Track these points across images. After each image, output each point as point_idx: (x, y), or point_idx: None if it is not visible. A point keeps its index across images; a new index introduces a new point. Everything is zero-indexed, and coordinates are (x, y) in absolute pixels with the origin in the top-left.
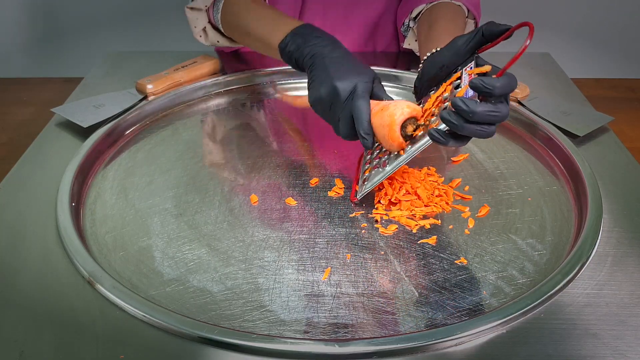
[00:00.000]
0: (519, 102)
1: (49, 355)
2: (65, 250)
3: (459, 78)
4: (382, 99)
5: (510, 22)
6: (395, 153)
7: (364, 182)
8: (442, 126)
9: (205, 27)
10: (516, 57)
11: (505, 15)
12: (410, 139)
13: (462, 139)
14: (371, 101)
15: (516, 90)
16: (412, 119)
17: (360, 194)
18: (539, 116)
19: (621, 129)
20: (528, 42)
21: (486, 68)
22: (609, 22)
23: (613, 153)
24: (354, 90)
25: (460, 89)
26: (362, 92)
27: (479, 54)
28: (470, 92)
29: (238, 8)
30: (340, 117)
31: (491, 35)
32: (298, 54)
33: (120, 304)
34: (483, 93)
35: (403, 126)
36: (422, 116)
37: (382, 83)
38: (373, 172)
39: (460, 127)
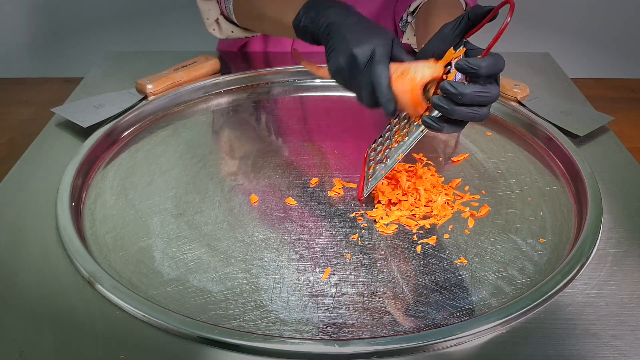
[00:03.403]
0: (519, 102)
1: (49, 355)
2: (65, 250)
3: (449, 64)
4: (403, 61)
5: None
6: (395, 146)
7: (369, 179)
8: (435, 112)
9: (217, 19)
10: (498, 35)
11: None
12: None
13: (457, 123)
14: (391, 64)
15: (516, 90)
16: (433, 81)
17: (367, 191)
18: (539, 116)
19: (621, 129)
20: (509, 19)
21: (460, 52)
22: (609, 22)
23: (613, 153)
24: (372, 56)
25: (449, 74)
26: (380, 57)
27: (468, 39)
28: (459, 76)
29: None
30: (362, 84)
31: (476, 17)
32: (313, 27)
33: (120, 304)
34: (469, 74)
35: (425, 89)
36: (444, 74)
37: None
38: (377, 167)
39: (451, 111)
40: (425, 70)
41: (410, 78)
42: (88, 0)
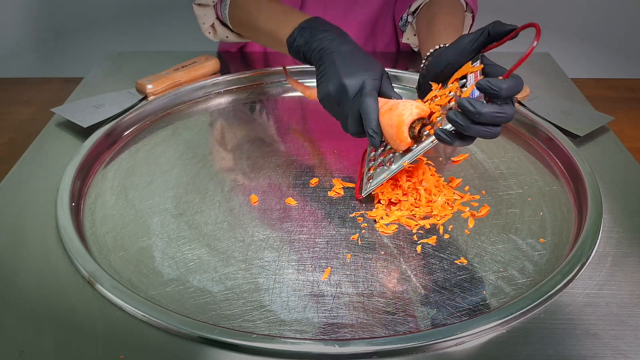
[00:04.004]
0: (519, 102)
1: (49, 355)
2: (65, 250)
3: (464, 77)
4: (390, 97)
5: (511, 21)
6: (400, 152)
7: (369, 180)
8: (448, 126)
9: (213, 24)
10: (523, 59)
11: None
12: (417, 139)
13: (468, 139)
14: (379, 99)
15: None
16: (420, 120)
17: (366, 192)
18: (539, 116)
19: (621, 129)
20: (535, 43)
21: (477, 67)
22: (609, 22)
23: (613, 153)
24: (362, 88)
25: (466, 89)
26: (370, 90)
27: (484, 53)
28: (477, 93)
29: (246, 3)
30: (349, 114)
31: (497, 35)
32: (306, 49)
33: (120, 304)
34: (490, 94)
35: (411, 127)
36: (430, 116)
37: None
38: (378, 169)
39: (466, 128)
40: (413, 110)
41: (398, 114)
42: (88, 0)
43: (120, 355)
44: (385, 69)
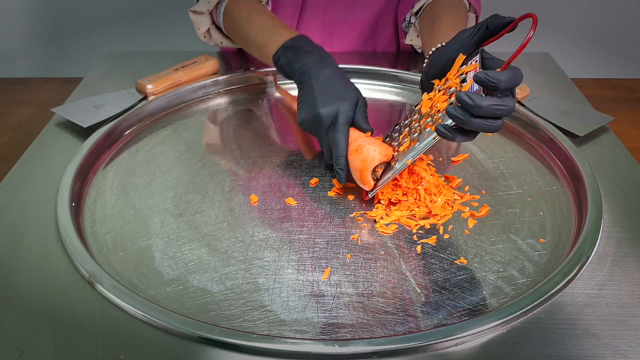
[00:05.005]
0: (519, 102)
1: (49, 355)
2: (65, 250)
3: (462, 67)
4: (362, 128)
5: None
6: (404, 150)
7: None
8: (449, 121)
9: (209, 29)
10: (520, 49)
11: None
12: (379, 180)
13: (469, 133)
14: (351, 132)
15: (516, 90)
16: (382, 163)
17: (372, 192)
18: (539, 116)
19: (621, 129)
20: (532, 33)
21: (475, 65)
22: (609, 22)
23: (613, 153)
24: (335, 120)
25: (465, 83)
26: (342, 124)
27: (484, 47)
28: (476, 87)
29: (238, 15)
30: (323, 144)
31: (495, 28)
32: (289, 69)
33: (120, 304)
34: (488, 87)
35: (374, 171)
36: (392, 158)
37: (382, 83)
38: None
39: (466, 122)
40: (375, 155)
41: (362, 159)
42: (88, 0)
43: (120, 355)
44: (385, 69)
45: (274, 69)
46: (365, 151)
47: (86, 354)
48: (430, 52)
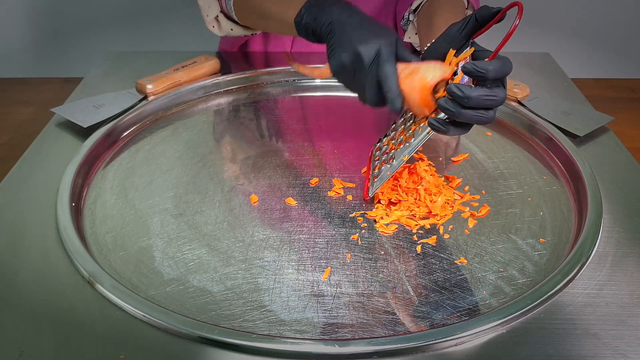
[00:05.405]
0: (519, 102)
1: (49, 355)
2: (65, 250)
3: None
4: (408, 61)
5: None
6: (400, 147)
7: (374, 179)
8: (442, 115)
9: (217, 16)
10: (507, 38)
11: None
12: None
13: (463, 126)
14: (398, 64)
15: (516, 90)
16: (443, 82)
17: (372, 191)
18: (539, 116)
19: (621, 129)
20: (517, 21)
21: (467, 53)
22: (609, 22)
23: (613, 153)
24: (378, 54)
25: (456, 76)
26: (387, 56)
27: (475, 40)
28: (466, 78)
29: None
30: (366, 83)
31: (484, 18)
32: (315, 24)
33: (120, 304)
34: (476, 77)
35: (434, 90)
36: (454, 75)
37: None
38: (383, 168)
39: (457, 114)
40: (436, 71)
41: (420, 78)
42: (88, 0)
43: (120, 355)
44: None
45: (276, 68)
46: (424, 70)
47: (86, 354)
48: (425, 48)
